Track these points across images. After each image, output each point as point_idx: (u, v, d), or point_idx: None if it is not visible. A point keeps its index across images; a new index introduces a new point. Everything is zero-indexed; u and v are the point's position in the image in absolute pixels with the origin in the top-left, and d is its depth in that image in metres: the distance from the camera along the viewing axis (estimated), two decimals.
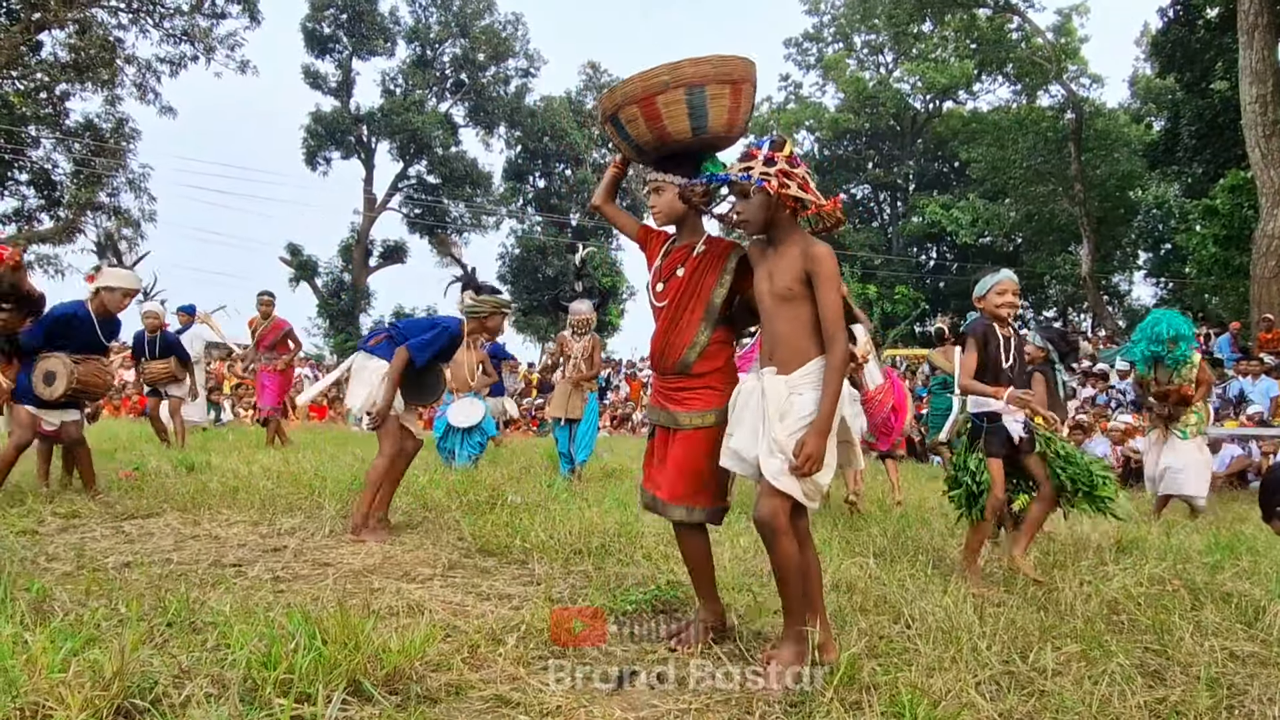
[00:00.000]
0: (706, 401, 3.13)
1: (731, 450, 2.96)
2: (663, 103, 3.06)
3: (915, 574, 4.32)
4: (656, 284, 3.27)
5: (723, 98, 3.11)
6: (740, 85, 3.15)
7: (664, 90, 3.05)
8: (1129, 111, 32.56)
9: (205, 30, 27.47)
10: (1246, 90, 15.84)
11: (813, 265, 2.85)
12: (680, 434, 3.15)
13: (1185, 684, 2.91)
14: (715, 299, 3.14)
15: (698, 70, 3.06)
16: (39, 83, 25.53)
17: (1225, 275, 19.48)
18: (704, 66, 3.07)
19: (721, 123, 3.14)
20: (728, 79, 3.10)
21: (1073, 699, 2.70)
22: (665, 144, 3.16)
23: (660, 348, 3.22)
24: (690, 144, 3.16)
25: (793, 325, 2.90)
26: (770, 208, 2.92)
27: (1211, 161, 21.06)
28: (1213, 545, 5.49)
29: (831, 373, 2.82)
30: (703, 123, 3.10)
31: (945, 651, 3.05)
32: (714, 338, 3.15)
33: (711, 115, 3.10)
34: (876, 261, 35.35)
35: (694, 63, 3.07)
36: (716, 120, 3.12)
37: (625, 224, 3.51)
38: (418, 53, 38.87)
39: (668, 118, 3.09)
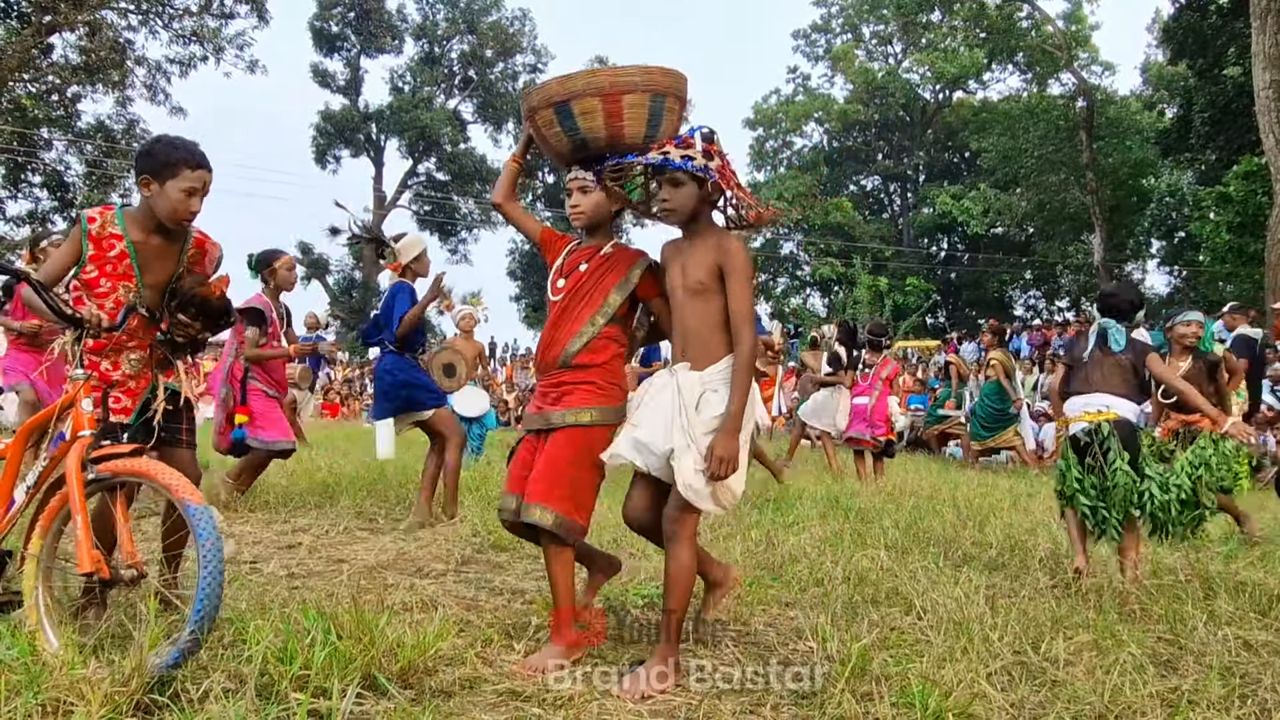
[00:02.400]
0: (583, 398, 2.99)
1: (635, 440, 2.86)
2: (628, 103, 3.02)
3: (927, 565, 4.33)
4: (557, 280, 3.15)
5: (674, 112, 3.14)
6: (685, 104, 3.21)
7: (633, 90, 3.02)
8: (1141, 99, 32.33)
9: (214, 30, 27.60)
10: (1260, 76, 15.70)
11: (725, 258, 2.80)
12: (553, 434, 3.00)
13: (1198, 673, 2.91)
14: (612, 297, 3.05)
15: (666, 81, 3.08)
16: (50, 85, 25.69)
17: (1239, 263, 19.34)
18: (669, 79, 3.10)
19: (667, 137, 3.11)
20: (680, 96, 3.15)
21: (1084, 689, 2.70)
22: (615, 144, 3.07)
23: (546, 342, 3.10)
24: (630, 150, 3.08)
25: (703, 320, 2.85)
26: (699, 199, 2.89)
27: (1225, 148, 20.89)
28: (1227, 534, 5.48)
29: (739, 371, 2.77)
30: (655, 132, 3.08)
31: (957, 642, 3.06)
32: (604, 331, 3.03)
33: (662, 127, 3.09)
34: (887, 253, 35.26)
35: (664, 72, 3.10)
36: (665, 133, 3.09)
37: (528, 225, 3.39)
38: (425, 50, 38.93)
39: (629, 119, 3.04)
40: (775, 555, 4.51)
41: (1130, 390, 4.37)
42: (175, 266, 3.21)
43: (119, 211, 3.12)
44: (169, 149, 3.05)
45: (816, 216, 35.20)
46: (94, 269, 3.07)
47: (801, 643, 3.17)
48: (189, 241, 3.23)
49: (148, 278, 3.15)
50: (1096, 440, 4.26)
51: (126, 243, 3.08)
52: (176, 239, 3.19)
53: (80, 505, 2.60)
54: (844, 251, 34.40)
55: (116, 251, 3.08)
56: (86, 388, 2.80)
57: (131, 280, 3.11)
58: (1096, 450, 4.25)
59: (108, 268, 3.08)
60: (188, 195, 3.03)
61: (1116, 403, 4.29)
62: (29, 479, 2.87)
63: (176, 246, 3.19)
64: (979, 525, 5.71)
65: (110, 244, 3.08)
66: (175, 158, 3.02)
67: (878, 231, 36.80)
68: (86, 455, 2.69)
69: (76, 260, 3.07)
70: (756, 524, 5.39)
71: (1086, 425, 4.31)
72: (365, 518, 5.60)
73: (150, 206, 3.07)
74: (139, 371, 3.20)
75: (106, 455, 2.70)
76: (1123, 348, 4.42)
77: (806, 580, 4.04)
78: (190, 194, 3.03)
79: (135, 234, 3.09)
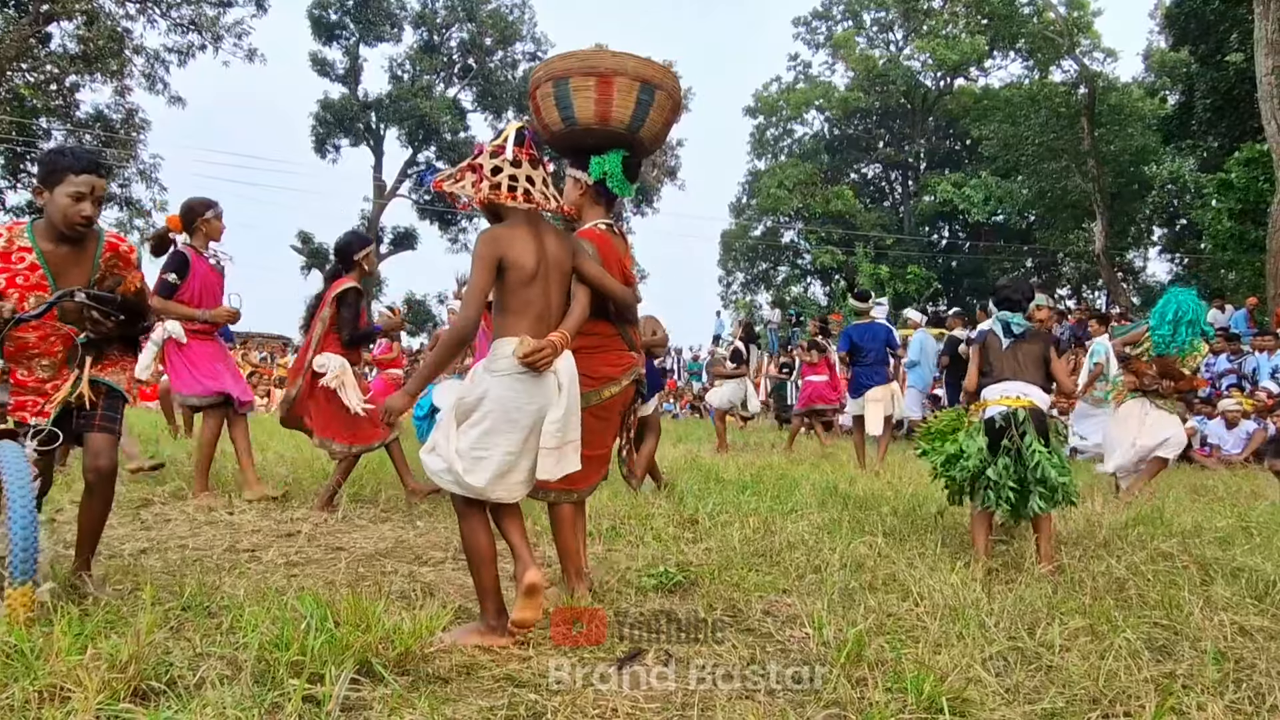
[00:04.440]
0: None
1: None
2: (619, 87, 3.27)
3: (924, 552, 4.34)
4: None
5: (664, 109, 3.40)
6: (678, 109, 3.49)
7: (623, 74, 3.27)
8: (1143, 85, 32.18)
9: (212, 19, 27.55)
10: (1262, 62, 15.64)
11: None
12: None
13: (1193, 658, 2.91)
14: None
15: (663, 76, 3.38)
16: (49, 75, 25.63)
17: (1241, 250, 19.27)
18: (664, 76, 3.39)
19: (652, 132, 3.43)
20: (673, 94, 3.42)
21: (1079, 674, 2.72)
22: (604, 126, 3.33)
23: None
24: (616, 138, 3.39)
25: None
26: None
27: (1226, 135, 20.82)
28: (1230, 521, 5.48)
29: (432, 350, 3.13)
30: (639, 124, 3.36)
31: (952, 628, 3.08)
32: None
33: (649, 120, 3.36)
34: (888, 241, 35.21)
35: (664, 70, 3.41)
36: (649, 128, 3.40)
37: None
38: (425, 38, 38.77)
39: (617, 104, 3.29)
40: (773, 542, 4.52)
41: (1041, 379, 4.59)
42: (89, 271, 3.26)
43: (29, 225, 3.19)
44: (56, 156, 3.14)
45: (817, 204, 35.15)
46: (2, 280, 3.12)
47: (798, 629, 3.18)
48: (101, 246, 3.28)
49: (61, 283, 3.19)
50: (1013, 424, 4.37)
51: (37, 254, 3.15)
52: (87, 245, 3.24)
53: None
54: (845, 239, 34.35)
55: (27, 263, 3.14)
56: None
57: (45, 290, 3.16)
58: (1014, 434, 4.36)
59: (18, 279, 3.14)
60: (75, 200, 3.07)
61: (1032, 391, 4.49)
62: None
63: (89, 252, 3.25)
64: None
65: (20, 256, 3.14)
66: (61, 164, 3.08)
67: (879, 219, 36.72)
68: None
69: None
70: (754, 510, 5.40)
71: (1004, 410, 4.44)
72: (365, 505, 5.61)
73: (48, 215, 3.15)
74: (53, 375, 3.24)
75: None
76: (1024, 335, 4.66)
77: (804, 567, 4.05)
78: (78, 199, 3.08)
79: (44, 244, 3.16)
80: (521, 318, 2.92)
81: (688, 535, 4.76)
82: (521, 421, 2.89)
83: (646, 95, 3.30)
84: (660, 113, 3.39)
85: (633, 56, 3.33)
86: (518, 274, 2.90)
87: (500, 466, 2.87)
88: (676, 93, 3.46)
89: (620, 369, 3.40)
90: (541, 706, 2.44)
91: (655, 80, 3.33)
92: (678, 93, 3.47)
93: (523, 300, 2.93)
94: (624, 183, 3.44)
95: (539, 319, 2.94)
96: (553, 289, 3.01)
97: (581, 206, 3.47)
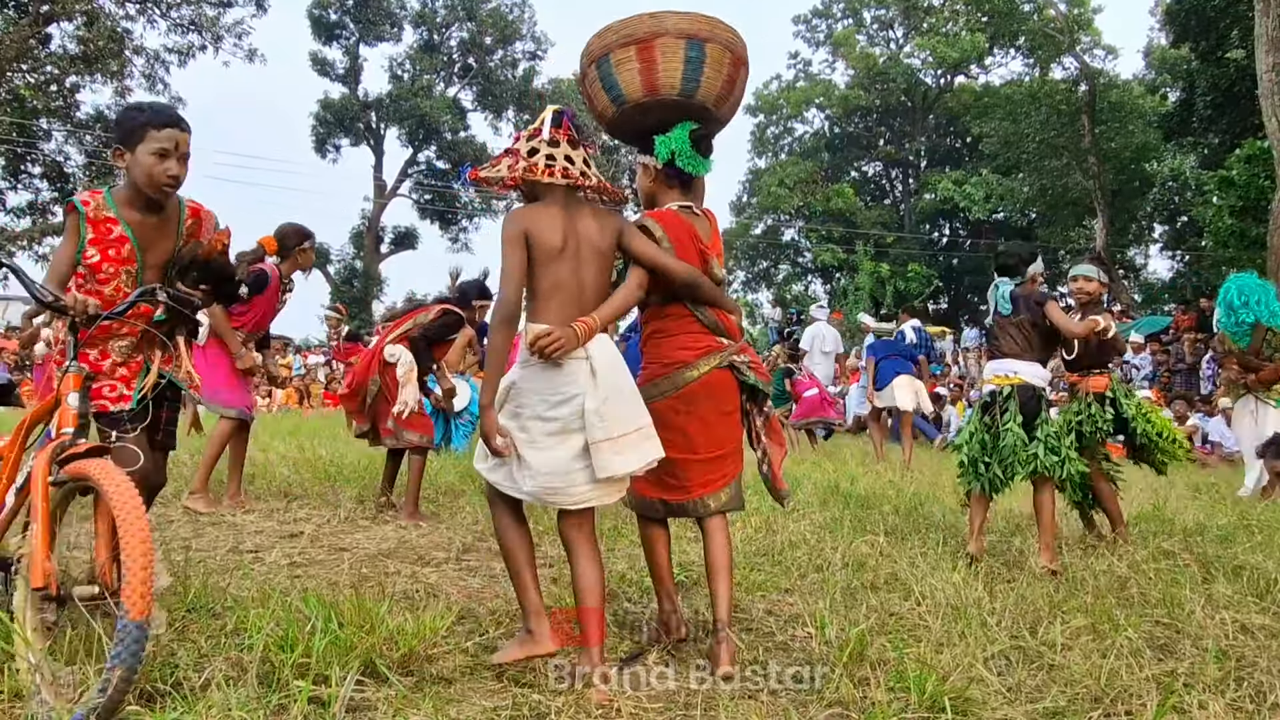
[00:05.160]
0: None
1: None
2: (661, 47, 2.97)
3: (926, 551, 4.35)
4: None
5: (720, 65, 3.03)
6: (740, 64, 3.11)
7: (663, 34, 2.96)
8: (1143, 83, 32.11)
9: (212, 19, 27.48)
10: (1263, 58, 15.60)
11: None
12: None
13: (1194, 656, 2.93)
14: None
15: (713, 28, 3.02)
16: (49, 75, 25.59)
17: (1242, 247, 19.20)
18: (718, 29, 3.03)
19: (712, 93, 3.06)
20: (731, 49, 3.06)
21: (1081, 672, 2.73)
22: (654, 95, 3.02)
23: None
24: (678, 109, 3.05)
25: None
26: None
27: (1227, 132, 20.75)
28: (1231, 519, 5.49)
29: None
30: (694, 86, 3.01)
31: (954, 627, 3.09)
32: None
33: (704, 80, 3.00)
34: (889, 239, 35.15)
35: (714, 23, 3.04)
36: (707, 89, 3.03)
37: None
38: (425, 37, 38.76)
39: (664, 69, 2.98)
40: (775, 541, 4.54)
41: (1033, 352, 4.55)
42: (175, 242, 3.05)
43: (108, 194, 2.95)
44: (133, 113, 2.90)
45: (818, 203, 35.11)
46: (95, 253, 2.90)
47: (800, 628, 3.19)
48: (184, 212, 3.06)
49: (149, 257, 2.99)
50: (998, 402, 4.44)
51: (123, 225, 2.92)
52: (170, 213, 3.02)
53: (41, 510, 2.37)
54: (846, 238, 34.32)
55: (115, 234, 2.92)
56: (74, 381, 2.58)
57: (133, 265, 2.95)
58: (995, 412, 4.44)
59: (110, 251, 2.92)
60: (160, 158, 2.83)
61: (1022, 368, 4.48)
62: (18, 480, 2.66)
63: (172, 220, 3.03)
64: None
65: (108, 227, 2.91)
66: (140, 120, 2.85)
67: (879, 217, 36.66)
68: (54, 456, 2.47)
69: (78, 248, 2.90)
70: (757, 510, 5.40)
71: (994, 388, 4.51)
72: (369, 506, 5.62)
73: (131, 180, 2.91)
74: (128, 357, 3.02)
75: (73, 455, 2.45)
76: (1010, 306, 4.62)
77: (806, 566, 4.07)
78: (162, 155, 2.84)
79: (128, 213, 2.93)
80: (550, 300, 2.75)
81: (689, 535, 4.76)
82: (555, 414, 2.69)
83: (695, 52, 2.98)
84: (717, 69, 3.03)
85: (673, 13, 3.01)
86: (543, 251, 2.74)
87: (544, 464, 2.67)
88: (736, 46, 3.08)
89: (695, 353, 3.02)
90: (545, 707, 2.45)
91: (703, 34, 2.99)
92: (737, 45, 3.09)
93: (551, 281, 2.76)
94: (695, 158, 3.09)
95: (570, 301, 2.75)
96: (586, 269, 2.80)
97: (654, 193, 3.19)
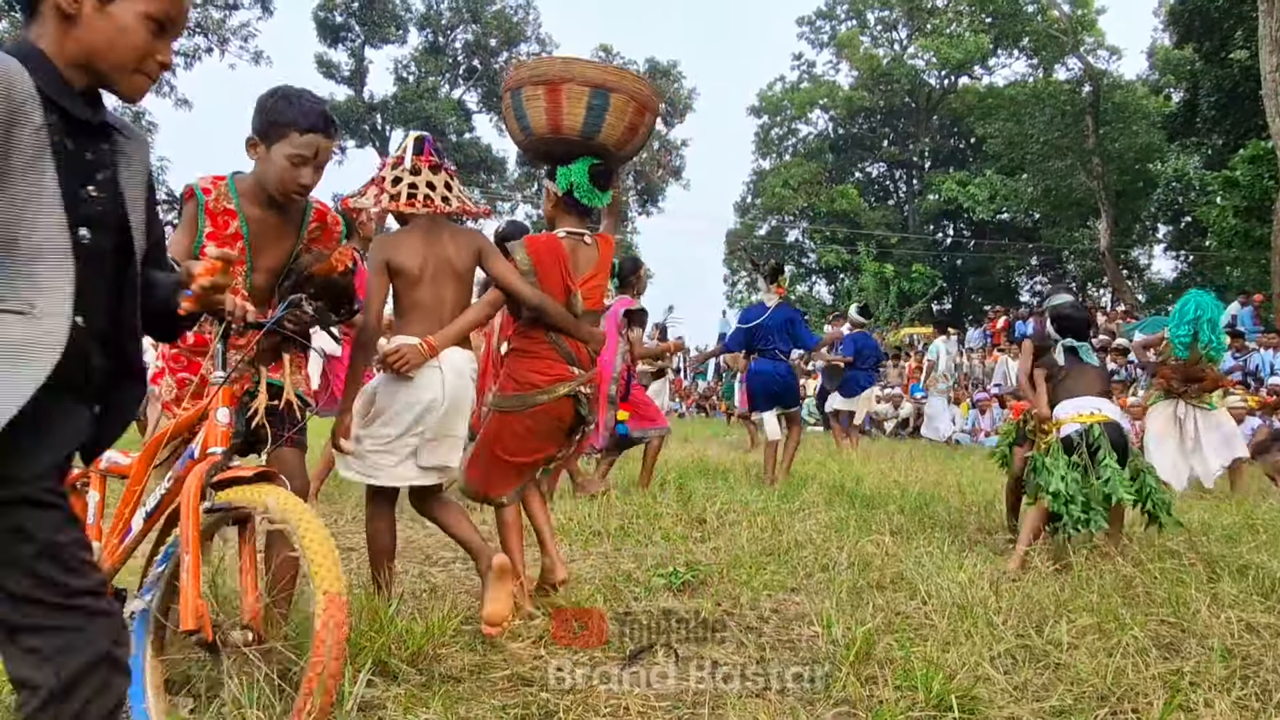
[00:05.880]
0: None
1: None
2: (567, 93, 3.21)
3: (931, 551, 4.34)
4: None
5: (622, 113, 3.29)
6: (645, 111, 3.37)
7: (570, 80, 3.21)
8: (1147, 83, 32.06)
9: (218, 22, 27.62)
10: (1266, 59, 15.57)
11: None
12: None
13: (1200, 655, 2.92)
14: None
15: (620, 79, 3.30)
16: None
17: (1246, 247, 19.18)
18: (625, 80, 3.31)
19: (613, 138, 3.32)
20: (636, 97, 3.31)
21: (1087, 671, 2.72)
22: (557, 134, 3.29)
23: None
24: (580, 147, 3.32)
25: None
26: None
27: (1231, 132, 20.72)
28: (1238, 520, 5.48)
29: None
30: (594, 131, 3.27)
31: (960, 626, 3.08)
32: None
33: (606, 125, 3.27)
34: (893, 240, 35.13)
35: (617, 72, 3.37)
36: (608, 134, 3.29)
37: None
38: (430, 40, 38.83)
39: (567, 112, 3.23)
40: (781, 541, 4.53)
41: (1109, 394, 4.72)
42: (293, 245, 2.71)
43: (230, 182, 2.62)
44: (281, 105, 2.51)
45: (822, 204, 35.09)
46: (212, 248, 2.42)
47: (806, 627, 3.19)
48: (309, 214, 2.73)
49: (261, 260, 2.65)
50: (1086, 441, 4.43)
51: (241, 220, 2.59)
52: (293, 213, 2.70)
53: (192, 542, 2.06)
54: (849, 238, 34.29)
55: (232, 230, 2.59)
56: (225, 394, 2.27)
57: (242, 266, 2.60)
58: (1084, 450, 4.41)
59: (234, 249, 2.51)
60: (294, 164, 2.51)
61: (1106, 405, 4.56)
62: (148, 504, 2.33)
63: (294, 221, 2.69)
64: (984, 510, 5.73)
65: (225, 221, 2.58)
66: (286, 118, 2.49)
67: (883, 218, 36.64)
68: (208, 479, 2.15)
69: (195, 241, 2.57)
70: (762, 510, 5.41)
71: (1079, 427, 4.48)
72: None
73: (259, 175, 2.59)
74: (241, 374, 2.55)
75: (230, 479, 2.16)
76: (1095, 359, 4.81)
77: (812, 565, 4.07)
78: (298, 164, 2.51)
79: (248, 208, 2.59)
80: (410, 317, 3.04)
81: (696, 535, 4.77)
82: (407, 414, 2.98)
83: (599, 100, 3.21)
84: (619, 116, 3.27)
85: (584, 62, 3.28)
86: (403, 276, 3.01)
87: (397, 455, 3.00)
88: (641, 95, 3.32)
89: (548, 379, 3.24)
90: (553, 705, 2.46)
91: (610, 84, 3.23)
92: (643, 95, 3.34)
93: (410, 300, 3.05)
94: (592, 192, 3.35)
95: (428, 318, 3.03)
96: (445, 290, 3.07)
97: (553, 217, 3.44)
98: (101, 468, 2.54)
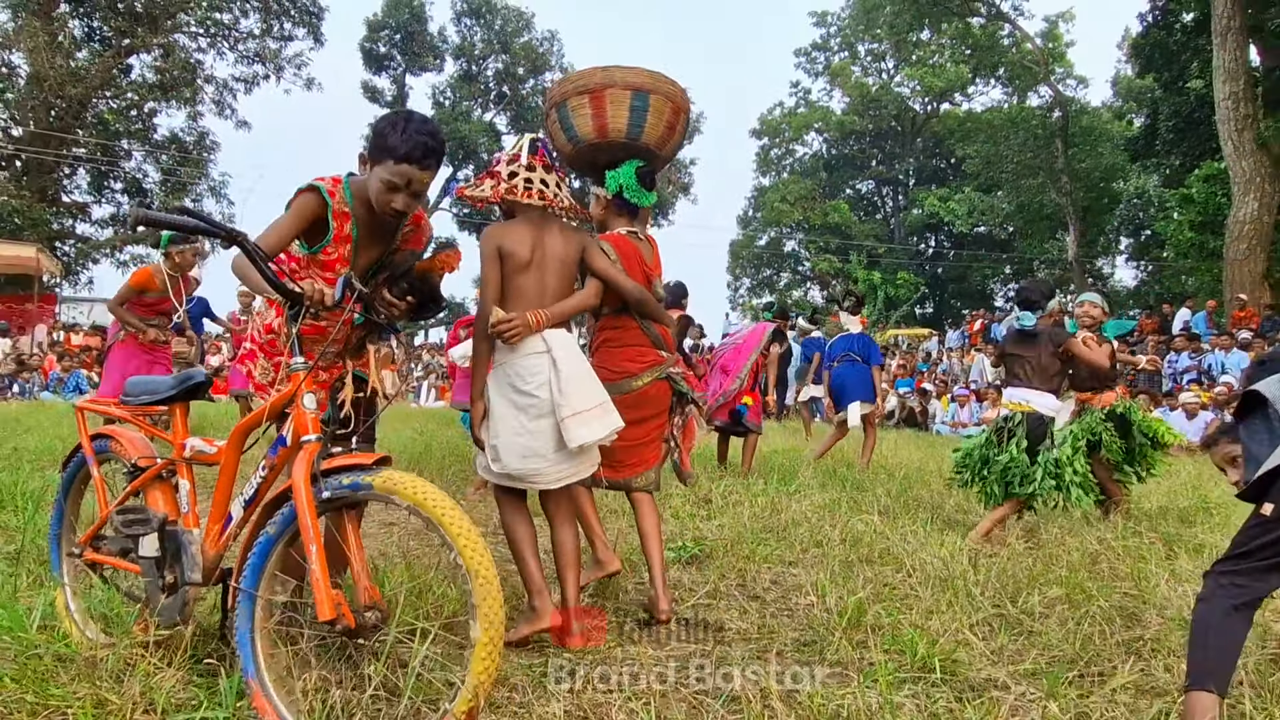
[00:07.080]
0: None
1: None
2: (610, 98, 3.09)
3: (916, 529, 4.33)
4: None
5: (661, 112, 3.15)
6: (680, 111, 3.22)
7: (611, 86, 3.09)
8: (1111, 109, 31.88)
9: (275, 52, 27.69)
10: (1220, 88, 15.49)
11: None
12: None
13: (1160, 624, 2.90)
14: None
15: (655, 81, 3.14)
16: (129, 101, 25.84)
17: (1200, 258, 19.05)
18: (655, 80, 3.14)
19: (655, 136, 3.17)
20: (670, 96, 3.16)
21: (1058, 638, 2.71)
22: (604, 138, 3.14)
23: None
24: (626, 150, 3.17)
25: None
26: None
27: (1188, 154, 20.58)
28: (1192, 502, 5.44)
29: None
30: (639, 130, 3.13)
31: (942, 596, 3.07)
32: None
33: (648, 125, 3.13)
34: (880, 250, 34.99)
35: (651, 74, 3.16)
36: (650, 133, 3.15)
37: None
38: (464, 68, 38.85)
39: (612, 115, 3.10)
40: (779, 519, 4.52)
41: (1046, 383, 4.54)
42: (387, 246, 2.56)
43: (346, 184, 2.45)
44: (388, 130, 2.34)
45: (816, 217, 35.00)
46: (335, 250, 2.43)
47: (803, 596, 3.18)
48: (405, 216, 2.51)
49: (360, 259, 2.50)
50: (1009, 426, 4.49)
51: (353, 223, 2.43)
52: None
53: (315, 532, 1.90)
54: (841, 249, 34.20)
55: (345, 232, 2.43)
56: (309, 381, 2.12)
57: (347, 265, 2.45)
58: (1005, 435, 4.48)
59: (344, 249, 2.43)
60: (388, 190, 2.33)
61: (1035, 398, 4.51)
62: (246, 492, 2.18)
63: (392, 225, 2.52)
64: (963, 494, 5.70)
65: (341, 223, 2.42)
66: (387, 144, 2.32)
67: (872, 230, 36.51)
68: (315, 467, 1.99)
69: (299, 234, 2.40)
70: (763, 492, 5.40)
71: (1008, 413, 4.56)
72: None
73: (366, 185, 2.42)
74: (331, 363, 2.48)
75: (342, 467, 2.01)
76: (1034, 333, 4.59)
77: (807, 541, 4.06)
78: (390, 189, 2.33)
79: (359, 210, 2.44)
80: (516, 303, 2.82)
81: (702, 513, 4.76)
82: (522, 401, 2.75)
83: (640, 102, 3.11)
84: (659, 116, 3.15)
85: (621, 68, 3.15)
86: (512, 262, 2.82)
87: (519, 448, 2.73)
88: (676, 96, 3.19)
89: (640, 365, 3.12)
90: (574, 664, 2.46)
91: (647, 86, 3.12)
92: (677, 96, 3.20)
93: (515, 286, 2.83)
94: (640, 191, 3.23)
95: (532, 303, 2.82)
96: (549, 278, 2.88)
97: (605, 220, 3.31)
98: (186, 455, 2.34)
